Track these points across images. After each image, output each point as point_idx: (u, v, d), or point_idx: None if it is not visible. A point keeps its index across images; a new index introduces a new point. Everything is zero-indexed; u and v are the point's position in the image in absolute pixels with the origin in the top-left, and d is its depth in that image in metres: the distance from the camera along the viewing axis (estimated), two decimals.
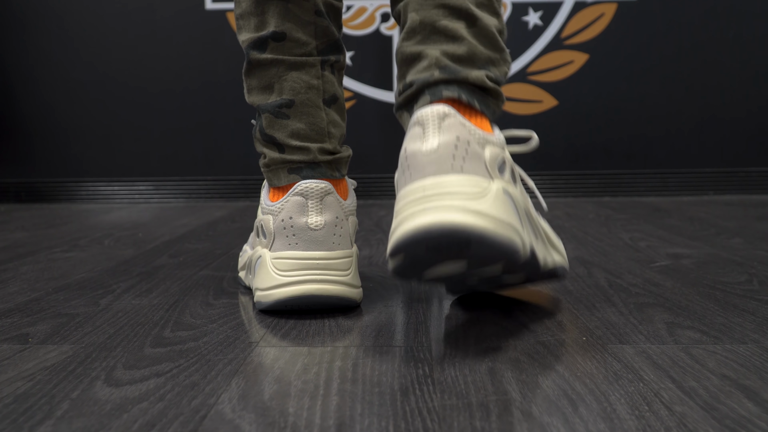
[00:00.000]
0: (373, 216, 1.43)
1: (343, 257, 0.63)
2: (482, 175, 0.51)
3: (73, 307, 0.67)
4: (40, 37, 1.83)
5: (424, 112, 0.53)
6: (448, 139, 0.51)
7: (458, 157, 0.51)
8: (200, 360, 0.50)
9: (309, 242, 0.62)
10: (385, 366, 0.49)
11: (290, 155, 0.66)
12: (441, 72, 0.57)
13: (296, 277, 0.61)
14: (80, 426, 0.39)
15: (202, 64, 1.82)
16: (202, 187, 1.84)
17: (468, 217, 0.48)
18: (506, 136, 0.62)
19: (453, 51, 0.58)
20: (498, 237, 0.49)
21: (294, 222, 0.62)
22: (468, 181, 0.50)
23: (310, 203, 0.62)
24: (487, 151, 0.53)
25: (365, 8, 1.80)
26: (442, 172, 0.50)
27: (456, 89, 0.57)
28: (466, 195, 0.49)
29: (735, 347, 0.52)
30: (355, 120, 1.77)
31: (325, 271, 0.62)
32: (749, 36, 1.78)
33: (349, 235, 0.65)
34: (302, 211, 0.62)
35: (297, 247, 0.62)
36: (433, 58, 0.58)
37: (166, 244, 1.07)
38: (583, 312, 0.63)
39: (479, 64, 0.59)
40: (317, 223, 0.62)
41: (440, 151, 0.51)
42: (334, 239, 0.63)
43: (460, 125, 0.52)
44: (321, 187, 0.62)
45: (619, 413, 0.40)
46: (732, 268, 0.82)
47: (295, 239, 0.62)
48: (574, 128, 1.81)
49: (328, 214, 0.63)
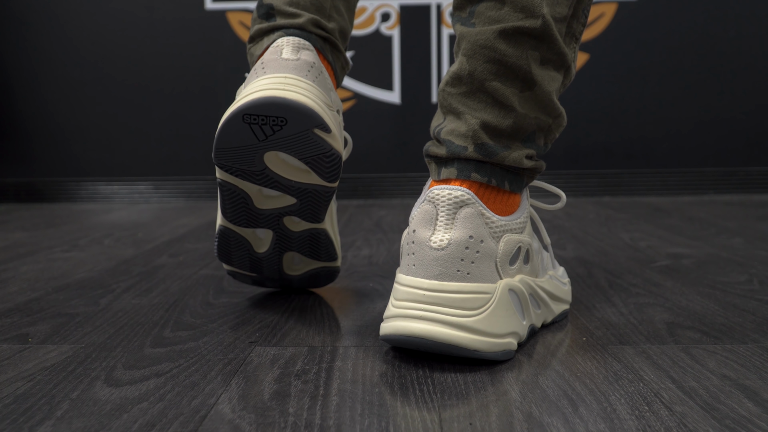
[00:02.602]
0: (373, 216, 1.43)
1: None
2: (488, 280, 0.49)
3: (73, 307, 0.67)
4: (40, 37, 1.83)
5: (442, 194, 0.50)
6: (460, 237, 0.49)
7: (467, 261, 0.49)
8: (200, 360, 0.50)
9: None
10: (385, 366, 0.49)
11: (279, 20, 0.63)
12: (476, 150, 0.52)
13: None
14: (80, 426, 0.39)
15: (202, 63, 1.82)
16: (202, 187, 1.83)
17: (458, 334, 0.47)
18: (535, 186, 0.60)
19: (496, 124, 0.52)
20: (490, 355, 0.49)
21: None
22: (468, 295, 0.48)
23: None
24: (501, 246, 0.50)
25: (365, 8, 1.80)
26: (446, 277, 0.48)
27: (487, 173, 0.53)
28: (462, 312, 0.48)
29: (735, 347, 0.52)
30: (355, 120, 1.77)
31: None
32: (749, 36, 1.78)
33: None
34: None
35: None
36: (471, 127, 0.53)
37: (166, 244, 1.07)
38: (583, 312, 0.63)
39: (523, 136, 0.54)
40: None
41: (449, 249, 0.48)
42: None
43: (477, 216, 0.49)
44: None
45: (619, 413, 0.40)
46: (732, 268, 0.82)
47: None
48: (574, 128, 1.81)
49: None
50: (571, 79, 0.57)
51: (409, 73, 1.81)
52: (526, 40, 0.52)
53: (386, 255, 0.95)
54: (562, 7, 0.53)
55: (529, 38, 0.52)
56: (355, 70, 1.81)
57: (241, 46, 1.79)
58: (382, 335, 0.51)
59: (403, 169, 1.81)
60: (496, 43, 0.52)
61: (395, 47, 1.81)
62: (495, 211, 0.52)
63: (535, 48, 0.52)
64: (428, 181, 0.55)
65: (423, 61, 1.81)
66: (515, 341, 0.51)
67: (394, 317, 0.50)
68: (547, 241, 0.62)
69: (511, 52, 0.52)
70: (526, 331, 0.53)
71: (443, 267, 0.48)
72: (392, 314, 0.50)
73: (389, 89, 1.82)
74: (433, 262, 0.49)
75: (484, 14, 0.53)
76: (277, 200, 0.61)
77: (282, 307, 0.66)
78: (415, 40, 1.80)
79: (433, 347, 0.48)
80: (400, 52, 1.81)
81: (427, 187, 0.54)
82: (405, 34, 1.80)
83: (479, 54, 0.53)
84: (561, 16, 0.53)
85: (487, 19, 0.53)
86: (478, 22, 0.53)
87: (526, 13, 0.52)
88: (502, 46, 0.52)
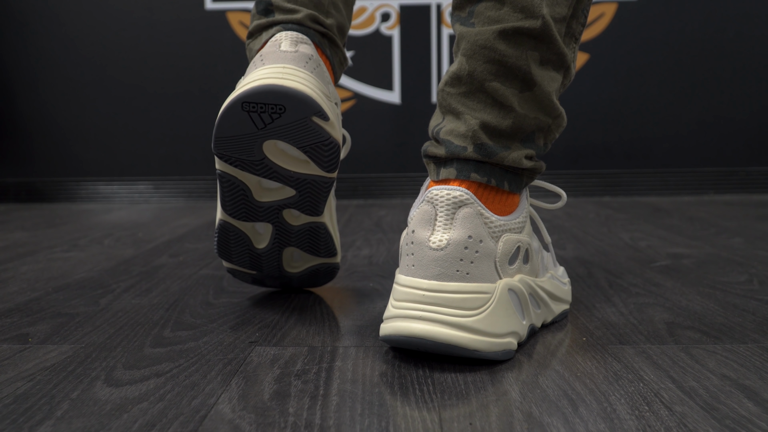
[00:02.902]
0: (373, 216, 1.43)
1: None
2: (488, 279, 0.49)
3: (73, 307, 0.67)
4: (40, 37, 1.83)
5: (440, 195, 0.50)
6: (459, 237, 0.49)
7: (466, 261, 0.49)
8: (200, 360, 0.50)
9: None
10: (385, 366, 0.49)
11: (277, 16, 0.63)
12: (475, 150, 0.52)
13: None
14: (80, 426, 0.39)
15: (202, 63, 1.82)
16: (202, 187, 1.83)
17: (458, 334, 0.47)
18: (536, 186, 0.60)
19: (495, 124, 0.53)
20: (490, 354, 0.48)
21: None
22: (467, 295, 0.48)
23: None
24: (500, 245, 0.50)
25: (365, 8, 1.80)
26: (445, 277, 0.48)
27: (487, 173, 0.53)
28: (462, 312, 0.48)
29: (735, 347, 0.52)
30: (354, 120, 1.77)
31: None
32: (749, 36, 1.78)
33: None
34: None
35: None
36: (471, 128, 0.53)
37: (166, 244, 1.07)
38: (583, 312, 0.63)
39: (522, 137, 0.54)
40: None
41: (449, 250, 0.49)
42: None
43: (476, 216, 0.49)
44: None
45: (619, 413, 0.40)
46: (732, 268, 0.82)
47: None
48: (574, 128, 1.81)
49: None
50: (571, 79, 0.57)
51: (409, 73, 1.81)
52: (525, 40, 0.52)
53: (386, 255, 0.95)
54: (561, 7, 0.53)
55: (528, 38, 0.52)
56: (355, 70, 1.81)
57: (241, 46, 1.79)
58: (382, 336, 0.51)
59: (402, 169, 1.81)
60: (495, 44, 0.52)
61: (395, 47, 1.81)
62: (494, 211, 0.52)
63: (535, 48, 0.52)
64: (426, 181, 0.55)
65: (423, 61, 1.81)
66: (515, 341, 0.51)
67: (394, 318, 0.50)
68: (547, 240, 0.62)
69: (511, 53, 0.52)
70: (526, 331, 0.53)
71: (442, 267, 0.49)
72: (392, 315, 0.50)
73: (389, 89, 1.82)
74: (432, 262, 0.49)
75: (483, 14, 0.53)
76: (277, 192, 0.61)
77: (282, 307, 0.66)
78: (415, 40, 1.80)
79: (433, 347, 0.48)
80: (400, 52, 1.81)
81: (425, 188, 0.54)
82: (405, 34, 1.80)
83: (479, 54, 0.53)
84: (560, 17, 0.53)
85: (486, 19, 0.53)
86: (478, 22, 0.53)
87: (525, 13, 0.52)
88: (501, 46, 0.52)
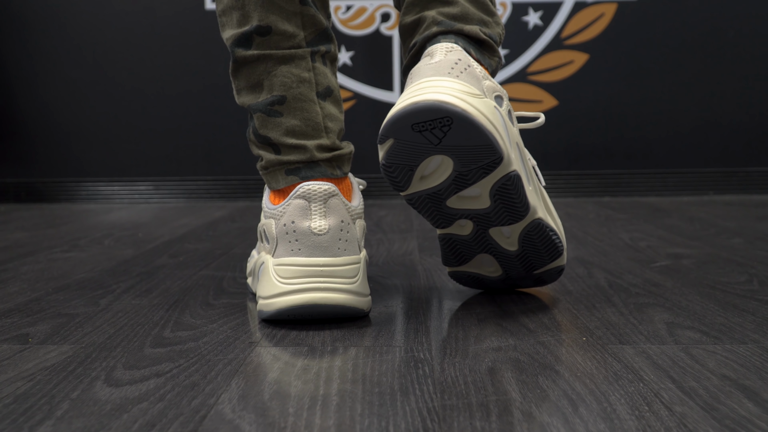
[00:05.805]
0: (373, 216, 1.43)
1: (349, 264, 0.60)
2: (477, 89, 0.57)
3: (73, 307, 0.67)
4: (40, 37, 1.83)
5: (434, 46, 0.60)
6: (452, 58, 0.58)
7: (457, 69, 0.57)
8: (200, 360, 0.50)
9: (313, 248, 0.59)
10: (385, 366, 0.49)
11: (287, 155, 0.64)
12: (438, 26, 0.64)
13: (299, 285, 0.58)
14: (80, 426, 0.39)
15: (202, 64, 1.82)
16: (202, 187, 1.83)
17: (454, 100, 0.54)
18: (518, 116, 0.66)
19: (447, 11, 0.65)
20: (479, 122, 0.54)
21: (296, 226, 0.59)
22: (461, 85, 0.56)
23: (313, 206, 0.59)
24: (486, 81, 0.59)
25: (365, 8, 1.80)
26: (439, 75, 0.56)
27: (453, 38, 0.63)
28: (459, 91, 0.55)
29: (735, 347, 0.52)
30: (354, 120, 1.77)
31: (330, 279, 0.59)
32: (749, 36, 1.78)
33: (357, 239, 0.61)
34: (305, 215, 0.59)
35: (300, 253, 0.59)
36: (429, 18, 0.65)
37: (166, 244, 1.07)
38: (583, 312, 0.63)
39: (472, 22, 0.65)
40: (321, 228, 0.59)
41: (441, 62, 0.57)
42: (340, 244, 0.59)
43: (464, 53, 0.59)
44: (324, 189, 0.59)
45: (619, 413, 0.40)
46: (732, 268, 0.82)
47: (298, 245, 0.59)
48: (574, 128, 1.81)
49: (333, 218, 0.59)
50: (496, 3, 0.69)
51: None
52: None
53: (386, 255, 0.95)
54: None
55: None
56: (355, 70, 1.81)
57: None
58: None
59: None
60: None
61: (395, 47, 1.81)
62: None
63: None
64: None
65: None
66: (500, 139, 0.57)
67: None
68: (533, 163, 0.67)
69: None
70: (509, 153, 0.59)
71: (435, 70, 0.57)
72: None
73: (389, 89, 1.82)
74: (428, 70, 0.57)
75: None
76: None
77: None
78: None
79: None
80: (400, 52, 1.81)
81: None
82: None
83: None
84: None
85: None
86: None
87: None
88: None
